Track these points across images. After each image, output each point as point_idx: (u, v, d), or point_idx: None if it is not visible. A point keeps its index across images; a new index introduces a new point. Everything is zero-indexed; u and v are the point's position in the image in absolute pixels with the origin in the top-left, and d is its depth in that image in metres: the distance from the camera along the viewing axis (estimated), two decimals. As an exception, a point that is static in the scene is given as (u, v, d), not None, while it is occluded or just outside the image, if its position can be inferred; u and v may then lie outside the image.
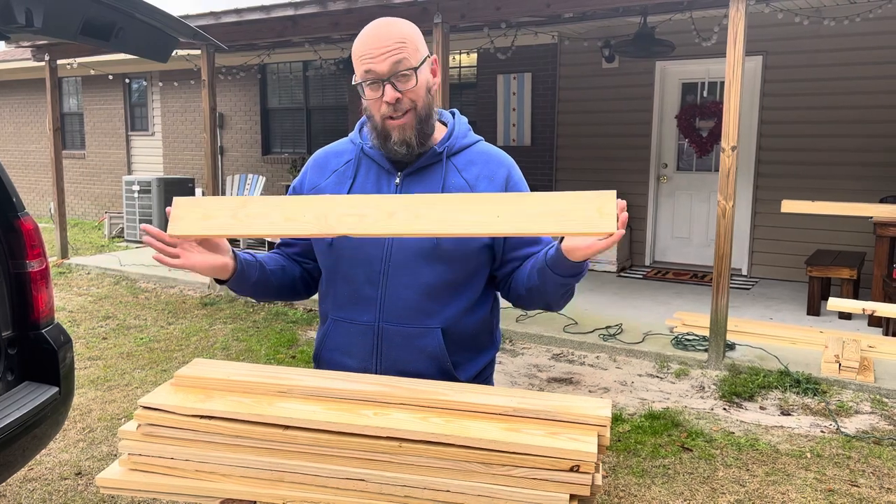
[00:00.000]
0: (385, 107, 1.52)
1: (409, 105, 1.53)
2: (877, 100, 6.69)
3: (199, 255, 1.52)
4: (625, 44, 6.82)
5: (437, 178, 1.61)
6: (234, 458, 1.43)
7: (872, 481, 3.30)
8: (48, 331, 2.68)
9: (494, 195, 1.33)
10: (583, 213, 1.29)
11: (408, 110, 1.54)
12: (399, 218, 1.35)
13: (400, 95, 1.51)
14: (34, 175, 13.87)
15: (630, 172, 8.08)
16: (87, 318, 6.23)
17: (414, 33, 1.54)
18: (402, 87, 1.51)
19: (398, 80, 1.50)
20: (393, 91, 1.50)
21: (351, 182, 1.65)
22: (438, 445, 1.35)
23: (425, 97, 1.56)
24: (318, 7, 6.16)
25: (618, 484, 3.28)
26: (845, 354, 4.60)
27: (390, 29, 1.51)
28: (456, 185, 1.61)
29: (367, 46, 1.50)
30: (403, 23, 1.54)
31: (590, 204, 1.29)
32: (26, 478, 3.33)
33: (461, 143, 1.65)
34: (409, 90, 1.52)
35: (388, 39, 1.49)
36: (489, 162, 1.65)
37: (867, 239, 6.36)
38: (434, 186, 1.60)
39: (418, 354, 1.61)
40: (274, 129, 10.99)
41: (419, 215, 1.33)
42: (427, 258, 1.57)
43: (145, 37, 2.80)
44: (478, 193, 1.33)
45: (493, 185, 1.61)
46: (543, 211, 1.30)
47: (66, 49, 8.18)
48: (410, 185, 1.61)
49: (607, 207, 1.28)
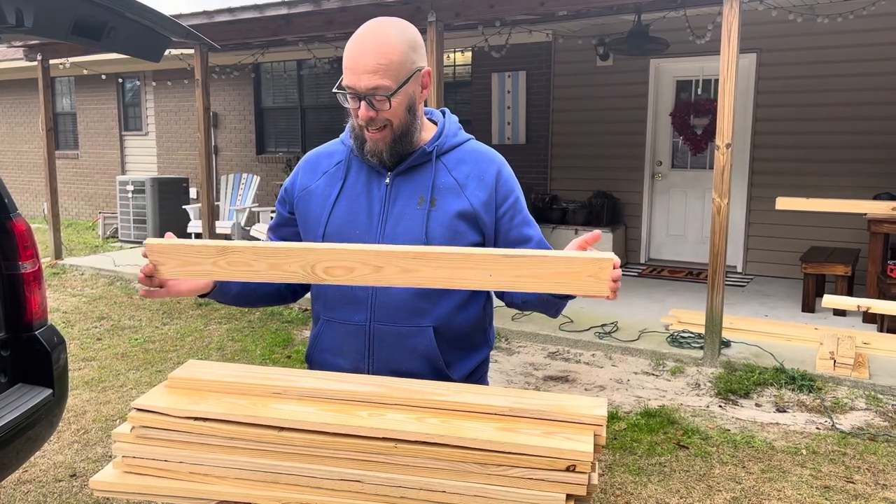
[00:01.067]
0: (361, 120, 1.53)
1: (384, 122, 1.53)
2: (871, 96, 6.70)
3: (183, 282, 1.53)
4: (619, 42, 6.82)
5: (426, 177, 1.61)
6: (229, 460, 1.42)
7: (868, 478, 3.30)
8: (41, 332, 2.66)
9: (487, 252, 1.30)
10: (577, 277, 1.28)
11: (384, 126, 1.54)
12: (388, 271, 1.33)
13: (374, 115, 1.51)
14: (27, 175, 13.81)
15: (625, 170, 8.08)
16: (82, 318, 6.21)
17: (400, 52, 1.49)
18: (378, 106, 1.50)
19: (379, 100, 1.49)
20: (367, 110, 1.50)
21: (342, 183, 1.64)
22: (434, 446, 1.34)
23: (404, 116, 1.54)
24: (312, 6, 6.14)
25: (614, 482, 3.28)
26: (840, 351, 4.61)
27: (378, 43, 1.47)
28: (445, 184, 1.60)
29: (352, 59, 1.49)
30: (396, 35, 1.50)
31: (585, 269, 1.28)
32: (20, 480, 3.31)
33: (451, 143, 1.65)
34: (383, 111, 1.51)
35: (372, 57, 1.47)
36: (479, 161, 1.64)
37: (861, 235, 6.37)
38: (424, 186, 1.60)
39: (410, 354, 1.60)
40: (268, 128, 10.97)
41: (408, 269, 1.32)
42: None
43: (137, 36, 2.78)
44: (470, 250, 1.31)
45: (482, 183, 1.61)
46: (537, 273, 1.29)
47: (59, 49, 8.14)
48: (401, 184, 1.61)
49: (602, 275, 1.27)
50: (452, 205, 1.58)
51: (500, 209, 1.62)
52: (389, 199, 1.61)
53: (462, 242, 1.58)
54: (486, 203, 1.60)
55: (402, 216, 1.59)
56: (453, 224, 1.57)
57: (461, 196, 1.60)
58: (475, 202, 1.59)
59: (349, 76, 1.49)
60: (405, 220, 1.58)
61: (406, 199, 1.60)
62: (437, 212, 1.58)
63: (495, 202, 1.61)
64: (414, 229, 1.57)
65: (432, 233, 1.56)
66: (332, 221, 1.61)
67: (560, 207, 8.05)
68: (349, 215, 1.61)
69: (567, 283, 1.27)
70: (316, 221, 1.64)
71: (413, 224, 1.57)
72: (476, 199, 1.60)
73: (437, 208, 1.58)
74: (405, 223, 1.58)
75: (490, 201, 1.61)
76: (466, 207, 1.59)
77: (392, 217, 1.59)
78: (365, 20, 1.56)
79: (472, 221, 1.59)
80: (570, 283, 1.27)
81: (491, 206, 1.61)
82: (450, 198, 1.59)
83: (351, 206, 1.62)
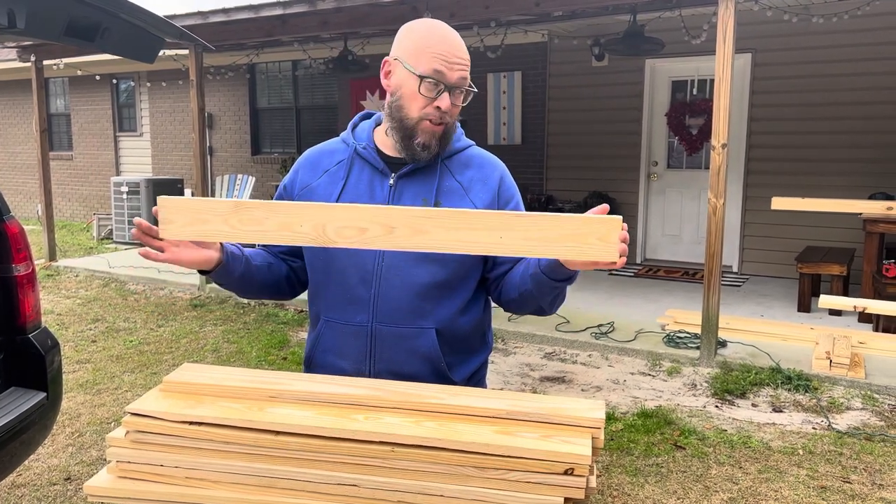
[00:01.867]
0: (433, 110, 1.54)
1: (450, 119, 1.58)
2: (865, 96, 6.72)
3: (185, 249, 1.50)
4: (614, 42, 6.82)
5: (431, 180, 1.61)
6: (225, 465, 1.41)
7: (864, 477, 3.31)
8: (35, 335, 2.65)
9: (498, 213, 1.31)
10: (586, 240, 1.28)
11: (446, 122, 1.58)
12: (400, 233, 1.32)
13: (451, 107, 1.55)
14: (21, 177, 13.75)
15: (620, 170, 8.09)
16: (76, 320, 6.18)
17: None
18: (457, 101, 1.56)
19: (456, 93, 1.55)
20: (449, 101, 1.54)
21: (343, 183, 1.63)
22: (431, 450, 1.33)
23: (457, 115, 1.62)
24: (307, 6, 6.13)
25: (611, 483, 3.27)
26: (836, 351, 4.62)
27: (461, 43, 1.57)
28: (450, 187, 1.61)
29: (446, 48, 1.53)
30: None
31: (594, 230, 1.27)
32: (14, 483, 3.29)
33: (455, 147, 1.66)
34: (457, 105, 1.57)
35: (462, 51, 1.56)
36: (483, 166, 1.66)
37: (857, 235, 6.38)
38: (428, 188, 1.60)
39: (412, 355, 1.60)
40: (263, 129, 10.95)
41: (421, 231, 1.31)
42: (420, 258, 1.57)
43: (131, 37, 2.77)
44: (481, 210, 1.31)
45: (486, 187, 1.63)
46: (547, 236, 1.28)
47: (52, 50, 8.10)
48: (404, 187, 1.61)
49: (611, 236, 1.27)
50: (456, 207, 1.58)
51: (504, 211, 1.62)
52: (393, 200, 1.60)
53: None
54: (489, 206, 1.61)
55: None
56: None
57: (465, 198, 1.61)
58: (479, 204, 1.60)
59: (440, 64, 1.52)
60: None
61: (410, 200, 1.60)
62: None
63: (497, 205, 1.63)
64: None
65: None
66: None
67: (556, 208, 8.05)
68: None
69: (575, 246, 1.27)
70: None
71: None
72: (480, 202, 1.61)
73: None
74: None
75: (493, 204, 1.62)
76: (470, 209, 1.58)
77: None
78: (360, 20, 1.58)
79: None
80: (578, 247, 1.27)
81: (493, 209, 1.61)
82: (454, 200, 1.60)
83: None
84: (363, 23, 6.18)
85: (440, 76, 1.52)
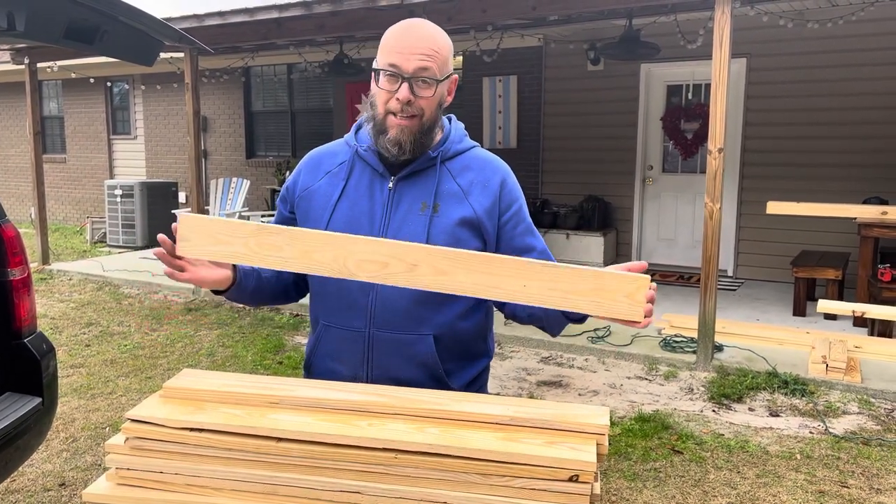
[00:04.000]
0: (394, 102, 1.51)
1: (417, 111, 1.53)
2: (860, 101, 6.75)
3: (204, 269, 1.49)
4: (610, 46, 6.83)
5: (430, 182, 1.59)
6: (226, 472, 1.39)
7: (862, 482, 3.31)
8: (30, 340, 2.62)
9: (525, 261, 1.28)
10: (612, 297, 1.25)
11: (414, 115, 1.53)
12: (422, 272, 1.30)
13: (412, 98, 1.50)
14: (14, 179, 13.69)
15: (616, 174, 8.10)
16: (70, 324, 6.15)
17: (447, 48, 1.55)
18: (419, 92, 1.51)
19: (418, 84, 1.50)
20: (408, 92, 1.50)
21: (344, 184, 1.62)
22: (435, 456, 1.32)
23: (434, 110, 1.56)
24: (303, 10, 6.12)
25: (609, 488, 3.27)
26: (832, 355, 4.62)
27: (428, 32, 1.52)
28: (449, 190, 1.59)
29: (401, 41, 1.51)
30: (442, 34, 1.55)
31: (621, 287, 1.24)
32: (8, 489, 3.26)
33: (456, 149, 1.64)
34: (423, 97, 1.52)
35: (423, 42, 1.50)
36: (484, 168, 1.63)
37: (851, 240, 6.40)
38: (427, 191, 1.58)
39: (409, 362, 1.58)
40: (258, 132, 10.92)
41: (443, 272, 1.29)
42: None
43: (130, 40, 2.75)
44: (507, 257, 1.29)
45: (486, 191, 1.60)
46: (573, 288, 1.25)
47: (47, 52, 8.07)
48: (404, 189, 1.59)
49: (638, 295, 1.24)
50: (455, 211, 1.57)
51: (504, 216, 1.61)
52: (392, 203, 1.59)
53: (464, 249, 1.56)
54: (490, 210, 1.59)
55: (404, 222, 1.57)
56: (455, 231, 1.56)
57: (464, 202, 1.58)
58: (478, 209, 1.58)
59: (396, 56, 1.49)
60: (407, 225, 1.56)
61: (409, 204, 1.58)
62: (439, 218, 1.57)
63: (499, 209, 1.60)
64: (416, 235, 1.55)
65: (434, 240, 1.54)
66: (333, 224, 1.59)
67: (551, 211, 8.05)
68: (350, 218, 1.59)
69: (600, 301, 1.24)
70: (316, 223, 1.61)
71: (415, 230, 1.56)
72: (479, 206, 1.58)
73: (439, 214, 1.57)
74: (407, 229, 1.56)
75: (493, 208, 1.59)
76: (469, 214, 1.57)
77: (394, 222, 1.57)
78: (355, 24, 1.59)
79: (474, 228, 1.58)
80: (603, 303, 1.24)
81: (494, 214, 1.59)
82: (453, 204, 1.58)
83: (352, 209, 1.60)
84: (359, 26, 6.17)
85: (395, 68, 1.49)
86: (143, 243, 10.08)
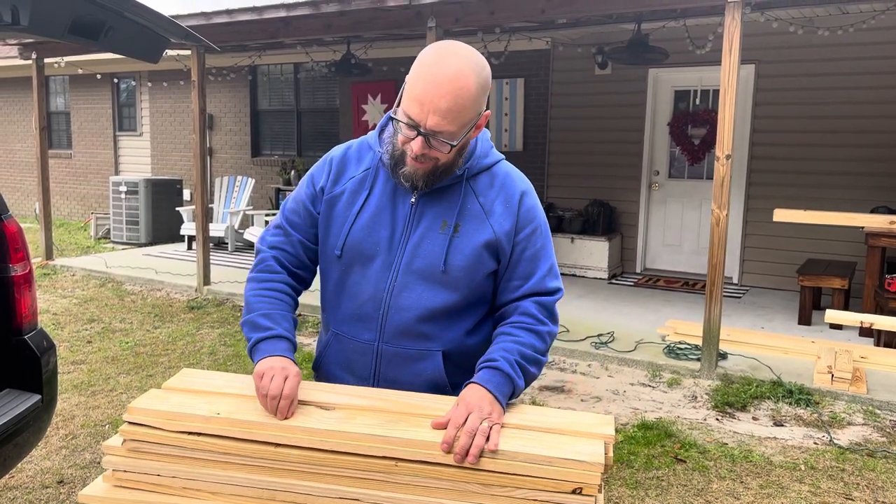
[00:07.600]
0: (410, 147, 1.47)
1: (431, 161, 1.49)
2: (869, 110, 6.71)
3: (294, 375, 1.46)
4: (618, 50, 6.80)
5: (454, 200, 1.57)
6: (224, 476, 1.37)
7: (867, 494, 3.27)
8: (31, 337, 2.60)
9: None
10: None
11: (429, 161, 1.49)
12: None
13: (426, 152, 1.46)
14: (19, 174, 13.71)
15: (622, 179, 8.06)
16: (72, 320, 6.14)
17: (476, 95, 1.44)
18: (434, 145, 1.46)
19: (433, 140, 1.45)
20: (421, 146, 1.45)
21: (367, 193, 1.60)
22: (435, 465, 1.30)
23: (453, 157, 1.51)
24: (311, 9, 6.10)
25: (611, 496, 3.24)
26: (838, 365, 4.58)
27: (457, 86, 1.41)
28: (471, 210, 1.57)
29: (425, 92, 1.41)
30: (474, 78, 1.43)
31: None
32: (7, 486, 3.25)
33: (481, 164, 1.61)
34: (438, 151, 1.47)
35: (446, 99, 1.40)
36: (505, 185, 1.61)
37: (858, 249, 6.36)
38: (450, 210, 1.57)
39: (417, 377, 1.59)
40: (264, 130, 10.91)
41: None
42: (434, 282, 1.55)
43: (136, 37, 2.74)
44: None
45: (507, 211, 1.59)
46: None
47: (54, 47, 8.07)
48: (427, 205, 1.58)
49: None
50: (475, 233, 1.56)
51: (518, 236, 1.59)
52: (414, 218, 1.57)
53: (481, 271, 1.57)
54: (508, 232, 1.58)
55: (423, 238, 1.56)
56: (473, 253, 1.55)
57: (485, 223, 1.57)
58: (499, 231, 1.57)
59: (416, 108, 1.42)
60: (426, 243, 1.56)
61: (430, 221, 1.57)
62: (459, 238, 1.55)
63: (515, 230, 1.58)
64: (434, 254, 1.55)
65: (452, 260, 1.54)
66: (353, 233, 1.58)
67: (556, 216, 8.02)
68: (370, 228, 1.58)
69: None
70: (338, 229, 1.61)
71: (433, 248, 1.55)
72: (500, 228, 1.57)
73: (459, 235, 1.56)
74: (426, 246, 1.55)
75: (512, 230, 1.58)
76: (489, 237, 1.56)
77: (414, 238, 1.56)
78: (363, 24, 1.54)
79: (492, 250, 1.57)
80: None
81: (511, 235, 1.58)
82: (474, 224, 1.57)
83: (373, 220, 1.59)
84: (366, 27, 6.15)
85: (413, 120, 1.44)
86: (147, 240, 10.08)
